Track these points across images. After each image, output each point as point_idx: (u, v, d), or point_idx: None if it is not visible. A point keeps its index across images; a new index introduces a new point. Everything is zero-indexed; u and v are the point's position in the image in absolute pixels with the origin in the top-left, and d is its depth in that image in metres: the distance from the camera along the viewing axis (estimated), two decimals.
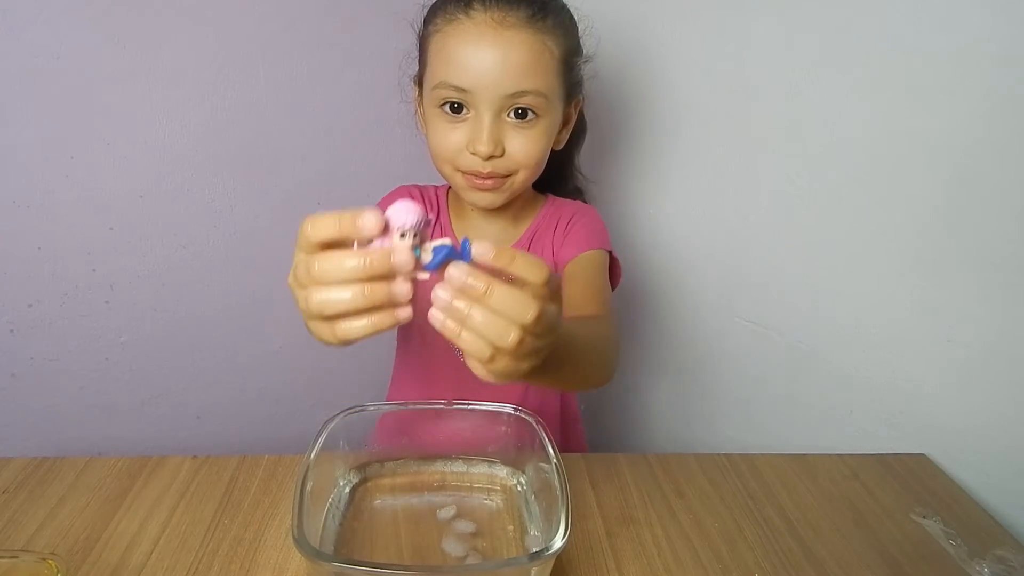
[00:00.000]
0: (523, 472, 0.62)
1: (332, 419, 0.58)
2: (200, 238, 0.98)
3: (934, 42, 0.69)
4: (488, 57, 0.60)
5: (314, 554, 0.44)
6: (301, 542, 0.44)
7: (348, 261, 0.36)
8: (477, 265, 0.37)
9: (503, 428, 0.62)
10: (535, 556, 0.45)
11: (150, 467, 0.65)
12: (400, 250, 0.37)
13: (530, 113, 0.63)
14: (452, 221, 0.77)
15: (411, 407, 0.66)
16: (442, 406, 0.62)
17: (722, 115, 0.94)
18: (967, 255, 0.70)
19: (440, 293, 0.37)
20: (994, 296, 0.68)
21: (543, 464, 0.55)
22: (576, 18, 0.68)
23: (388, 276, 0.37)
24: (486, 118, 0.61)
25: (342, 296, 0.36)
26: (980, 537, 0.61)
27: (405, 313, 0.38)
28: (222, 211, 0.99)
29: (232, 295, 1.03)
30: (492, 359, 0.38)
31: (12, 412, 0.90)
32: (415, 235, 0.37)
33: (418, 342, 0.80)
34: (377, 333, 0.38)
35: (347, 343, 0.38)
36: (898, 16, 0.71)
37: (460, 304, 0.37)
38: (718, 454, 0.71)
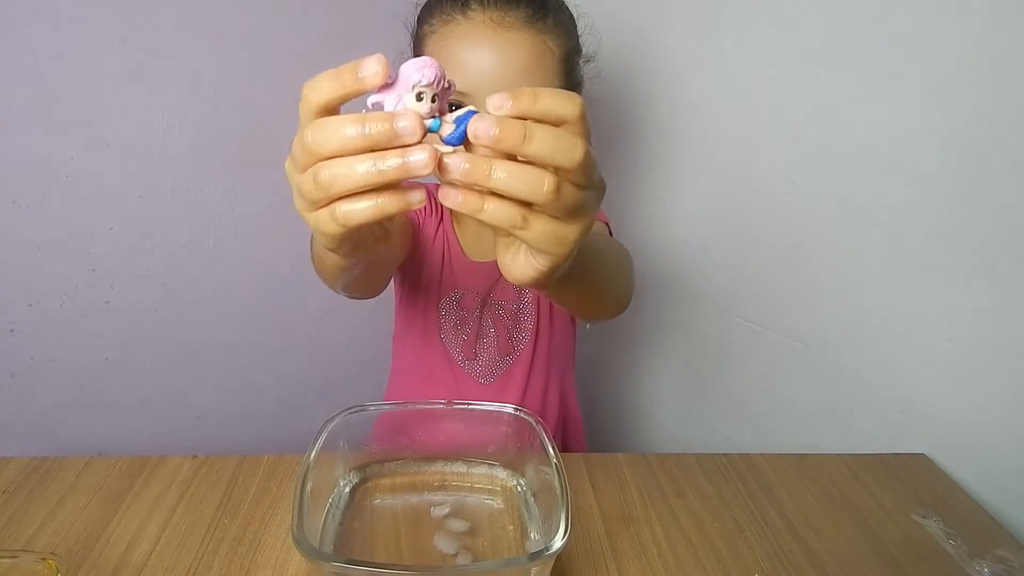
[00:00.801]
0: (523, 473, 0.62)
1: (332, 419, 0.57)
2: (200, 238, 0.98)
3: (935, 42, 0.69)
4: (487, 59, 0.59)
5: (314, 554, 0.44)
6: (301, 542, 0.44)
7: (346, 127, 0.31)
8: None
9: (503, 429, 0.61)
10: (535, 556, 0.45)
11: (150, 467, 0.65)
12: (404, 114, 0.31)
13: None
14: (453, 223, 0.76)
15: (411, 407, 0.66)
16: (442, 406, 0.62)
17: (722, 114, 0.94)
18: (967, 255, 0.70)
19: (453, 160, 0.31)
20: (994, 296, 0.68)
21: (543, 465, 0.55)
22: (575, 16, 0.67)
23: (395, 144, 0.31)
24: None
25: (352, 169, 0.31)
26: (980, 537, 0.61)
27: (417, 196, 0.32)
28: (222, 211, 0.99)
29: (232, 295, 1.03)
30: (525, 222, 0.32)
31: (12, 412, 0.90)
32: (433, 98, 0.32)
33: (416, 341, 0.80)
34: (382, 217, 0.32)
35: (349, 228, 0.33)
36: (898, 16, 0.71)
37: (479, 164, 0.31)
38: (718, 454, 0.71)
